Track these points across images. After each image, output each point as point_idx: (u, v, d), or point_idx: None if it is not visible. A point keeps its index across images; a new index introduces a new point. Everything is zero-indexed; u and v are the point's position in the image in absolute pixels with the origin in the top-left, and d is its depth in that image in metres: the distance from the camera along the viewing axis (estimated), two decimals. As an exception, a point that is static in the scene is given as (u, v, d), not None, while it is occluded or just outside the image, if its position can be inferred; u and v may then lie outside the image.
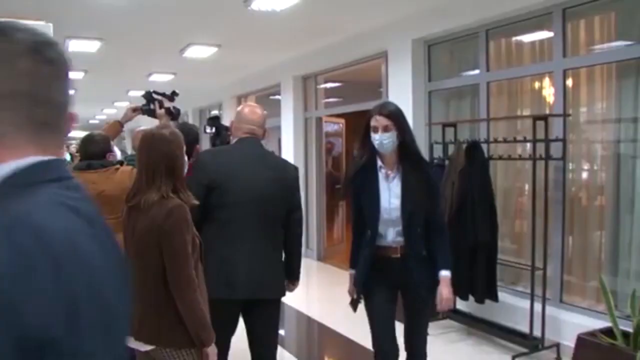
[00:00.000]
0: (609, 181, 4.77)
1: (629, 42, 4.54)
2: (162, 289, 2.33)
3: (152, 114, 3.90)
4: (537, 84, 5.43)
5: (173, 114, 3.85)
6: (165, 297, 2.33)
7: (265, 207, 3.04)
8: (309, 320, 6.04)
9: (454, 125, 5.62)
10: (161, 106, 3.87)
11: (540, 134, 4.64)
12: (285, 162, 3.64)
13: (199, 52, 8.19)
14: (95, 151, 3.74)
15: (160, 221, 2.31)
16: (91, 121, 20.98)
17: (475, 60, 5.83)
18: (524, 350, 4.61)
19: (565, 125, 4.87)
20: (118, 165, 3.75)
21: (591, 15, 4.87)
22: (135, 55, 8.64)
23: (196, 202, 2.52)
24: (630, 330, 3.76)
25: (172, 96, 3.99)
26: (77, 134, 12.15)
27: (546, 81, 5.27)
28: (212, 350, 2.42)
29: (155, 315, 2.36)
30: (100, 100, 14.92)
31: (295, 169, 3.41)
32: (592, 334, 3.95)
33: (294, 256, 3.32)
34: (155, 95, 3.93)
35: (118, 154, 4.14)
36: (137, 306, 2.29)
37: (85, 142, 3.82)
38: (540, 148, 4.66)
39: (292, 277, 3.33)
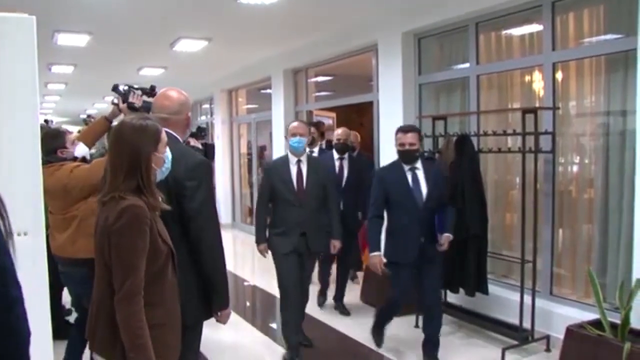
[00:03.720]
0: (598, 174, 4.79)
1: (617, 35, 4.54)
2: (113, 294, 2.08)
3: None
4: (526, 77, 5.43)
5: (137, 109, 3.53)
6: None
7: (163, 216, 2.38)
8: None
9: (444, 118, 5.62)
10: (124, 100, 3.59)
11: (530, 127, 4.65)
12: (185, 154, 2.72)
13: (189, 45, 8.15)
14: (43, 148, 3.70)
15: (111, 222, 2.06)
16: (82, 116, 20.84)
17: (465, 54, 5.83)
18: (514, 342, 4.63)
19: (555, 118, 4.88)
20: (72, 162, 3.67)
21: (580, 9, 4.87)
22: (125, 49, 8.60)
23: (166, 207, 2.27)
24: (619, 321, 3.78)
25: (152, 91, 3.80)
26: (69, 128, 12.09)
27: (536, 74, 5.27)
28: None
29: (106, 323, 2.10)
30: (91, 94, 14.87)
31: (197, 162, 2.70)
32: (581, 325, 3.97)
33: (208, 279, 2.68)
34: (122, 88, 3.67)
35: (83, 150, 3.97)
36: (92, 310, 2.16)
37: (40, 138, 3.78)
38: (530, 141, 4.67)
39: (214, 305, 2.74)
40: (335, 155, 5.82)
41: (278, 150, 9.24)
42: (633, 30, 4.14)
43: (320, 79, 9.68)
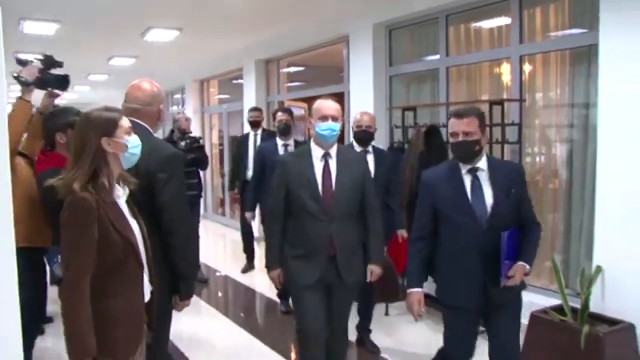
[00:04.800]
0: (562, 164, 4.92)
1: (582, 30, 4.65)
2: None
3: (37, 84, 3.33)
4: (495, 69, 5.54)
5: (28, 84, 3.30)
6: None
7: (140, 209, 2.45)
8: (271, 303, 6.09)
9: (413, 109, 5.70)
10: (17, 76, 3.35)
11: (497, 119, 4.74)
12: (157, 147, 2.75)
13: (160, 35, 8.10)
14: None
15: (61, 215, 2.11)
16: (50, 105, 20.51)
17: (435, 45, 5.90)
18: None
19: (522, 110, 4.99)
20: None
21: (547, 3, 4.97)
22: (95, 38, 8.49)
23: (125, 191, 2.31)
24: (579, 306, 3.91)
25: (49, 63, 3.43)
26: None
27: (504, 66, 5.37)
28: None
29: None
30: (60, 84, 14.62)
31: (169, 154, 2.74)
32: (544, 311, 4.09)
33: (178, 270, 2.73)
34: (25, 60, 3.40)
35: None
36: None
37: None
38: (497, 132, 4.77)
39: (180, 294, 2.81)
40: (357, 147, 4.51)
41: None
42: (596, 25, 4.25)
43: (293, 69, 9.70)
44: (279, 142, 5.66)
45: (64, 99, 19.74)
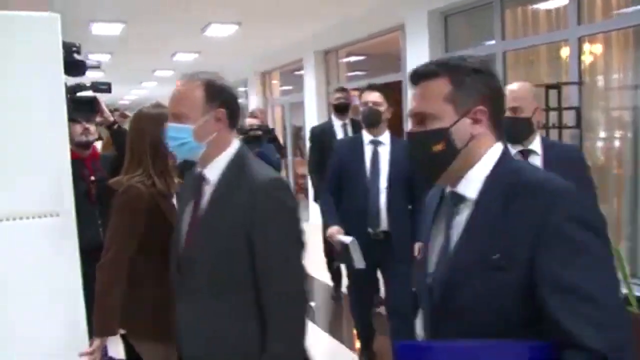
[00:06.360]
0: (627, 148, 4.74)
1: (644, 6, 4.46)
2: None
3: None
4: (553, 52, 5.38)
5: None
6: (129, 279, 2.26)
7: None
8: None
9: (470, 96, 5.60)
10: None
11: (554, 103, 4.62)
12: None
13: (220, 30, 8.28)
14: None
15: (115, 200, 2.28)
16: (120, 102, 21.29)
17: (491, 30, 5.79)
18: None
19: (581, 93, 4.83)
20: None
21: (606, -19, 4.79)
22: (158, 36, 8.76)
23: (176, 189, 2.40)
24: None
25: None
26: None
27: (563, 49, 5.22)
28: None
29: (126, 298, 2.26)
30: (128, 81, 15.12)
31: None
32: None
33: None
34: None
35: None
36: None
37: None
38: (554, 116, 4.64)
39: None
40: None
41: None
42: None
43: (352, 59, 9.68)
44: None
45: (132, 94, 20.14)
